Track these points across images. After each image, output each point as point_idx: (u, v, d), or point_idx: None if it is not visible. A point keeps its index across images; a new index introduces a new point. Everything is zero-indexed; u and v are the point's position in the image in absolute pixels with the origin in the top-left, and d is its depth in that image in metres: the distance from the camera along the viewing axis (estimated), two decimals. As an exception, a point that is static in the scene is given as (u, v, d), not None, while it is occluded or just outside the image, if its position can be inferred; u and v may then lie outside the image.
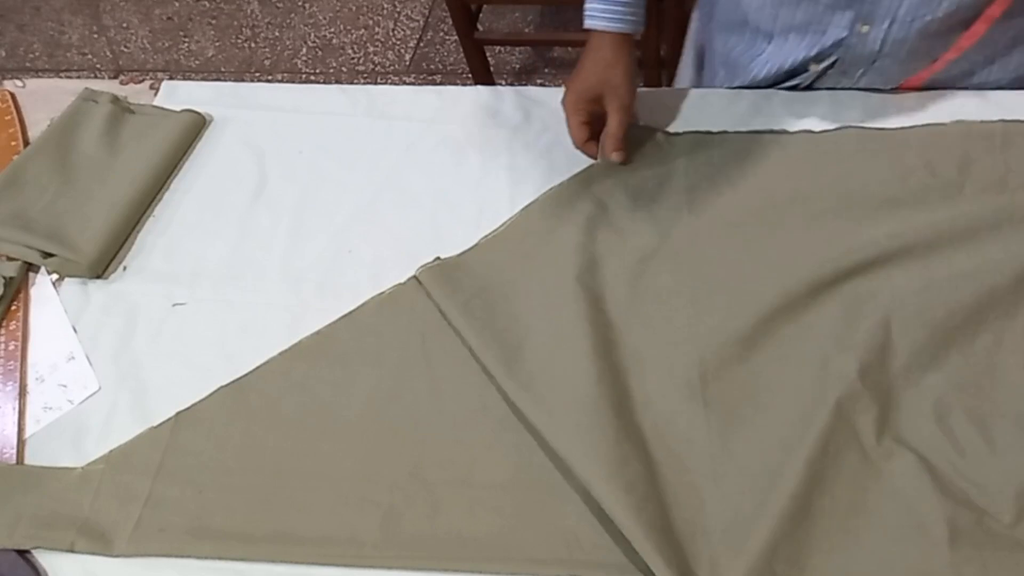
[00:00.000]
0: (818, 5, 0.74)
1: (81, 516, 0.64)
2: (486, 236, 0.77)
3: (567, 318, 0.69)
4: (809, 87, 0.83)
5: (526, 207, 0.78)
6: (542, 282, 0.72)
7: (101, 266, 0.78)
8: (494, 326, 0.69)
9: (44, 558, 0.63)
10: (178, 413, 0.69)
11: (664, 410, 0.65)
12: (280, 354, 0.71)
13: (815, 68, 0.80)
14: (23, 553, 0.62)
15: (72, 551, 0.63)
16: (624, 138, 0.77)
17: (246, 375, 0.70)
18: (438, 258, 0.75)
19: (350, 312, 0.73)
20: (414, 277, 0.74)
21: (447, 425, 0.66)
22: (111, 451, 0.67)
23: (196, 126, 0.87)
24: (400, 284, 0.74)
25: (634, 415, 0.65)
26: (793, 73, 0.82)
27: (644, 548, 0.57)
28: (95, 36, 2.17)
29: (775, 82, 0.84)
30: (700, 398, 0.65)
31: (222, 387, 0.70)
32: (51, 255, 0.77)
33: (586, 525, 0.60)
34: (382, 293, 0.74)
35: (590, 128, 0.78)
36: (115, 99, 0.88)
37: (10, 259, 0.79)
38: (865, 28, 0.73)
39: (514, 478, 0.63)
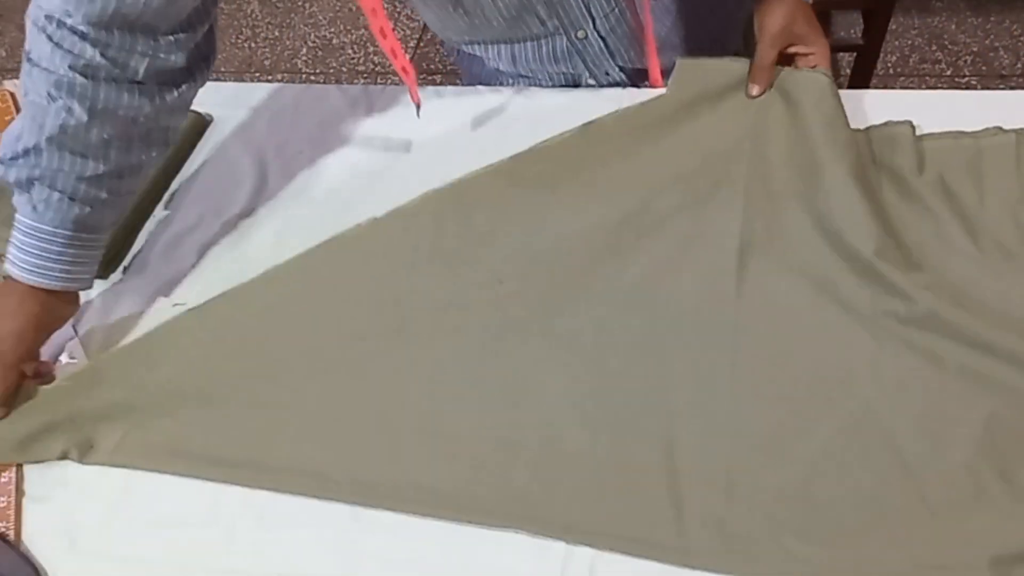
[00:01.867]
0: (536, 20, 0.81)
1: (69, 429, 0.67)
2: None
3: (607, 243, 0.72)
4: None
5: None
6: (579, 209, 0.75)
7: (107, 265, 0.78)
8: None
9: (44, 558, 0.63)
10: (156, 327, 0.72)
11: (688, 357, 0.66)
12: (252, 280, 0.74)
13: (588, 80, 0.88)
14: (23, 554, 0.63)
15: (59, 459, 0.67)
16: (770, 75, 0.76)
17: (220, 297, 0.73)
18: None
19: (327, 241, 0.75)
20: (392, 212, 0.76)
21: (414, 373, 0.68)
22: (98, 368, 0.71)
23: (198, 126, 0.87)
24: (377, 218, 0.76)
25: (657, 355, 0.66)
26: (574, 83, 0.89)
27: (645, 489, 0.60)
28: (95, 36, 2.17)
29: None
30: (729, 353, 0.66)
31: (204, 305, 0.73)
32: None
33: (538, 484, 0.62)
34: (359, 225, 0.76)
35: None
36: None
37: (10, 259, 0.79)
38: (581, 33, 0.82)
39: (474, 432, 0.65)
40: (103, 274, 0.78)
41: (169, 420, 0.68)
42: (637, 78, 0.88)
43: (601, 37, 0.83)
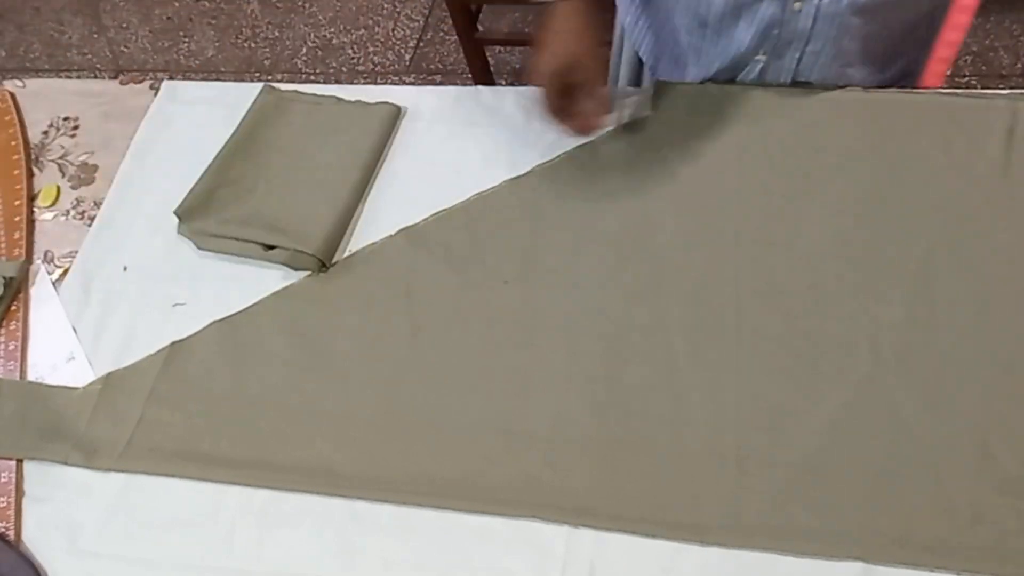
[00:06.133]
0: None
1: (78, 432, 0.68)
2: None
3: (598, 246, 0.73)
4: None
5: (516, 178, 0.80)
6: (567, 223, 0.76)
7: (329, 256, 0.76)
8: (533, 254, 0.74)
9: (44, 558, 0.63)
10: (173, 343, 0.72)
11: (692, 338, 0.67)
12: (272, 295, 0.74)
13: (757, 59, 0.80)
14: (23, 554, 0.63)
15: (67, 464, 0.67)
16: (607, 103, 0.75)
17: (238, 313, 0.73)
18: None
19: (340, 260, 0.76)
20: (403, 230, 0.77)
21: (423, 371, 0.69)
22: (109, 373, 0.71)
23: (392, 117, 0.86)
24: (390, 236, 0.77)
25: (662, 337, 0.68)
26: (737, 68, 0.83)
27: (657, 472, 0.61)
28: (95, 36, 2.17)
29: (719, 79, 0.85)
30: (733, 333, 0.67)
31: (215, 322, 0.73)
32: (272, 247, 0.76)
33: (548, 470, 0.63)
34: (373, 244, 0.76)
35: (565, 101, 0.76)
36: (298, 93, 0.88)
37: (10, 259, 0.79)
38: (798, 5, 0.74)
39: (483, 423, 0.66)
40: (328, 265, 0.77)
41: (177, 424, 0.68)
42: None
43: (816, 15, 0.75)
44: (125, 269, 0.79)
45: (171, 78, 0.96)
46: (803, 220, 0.73)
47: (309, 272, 0.76)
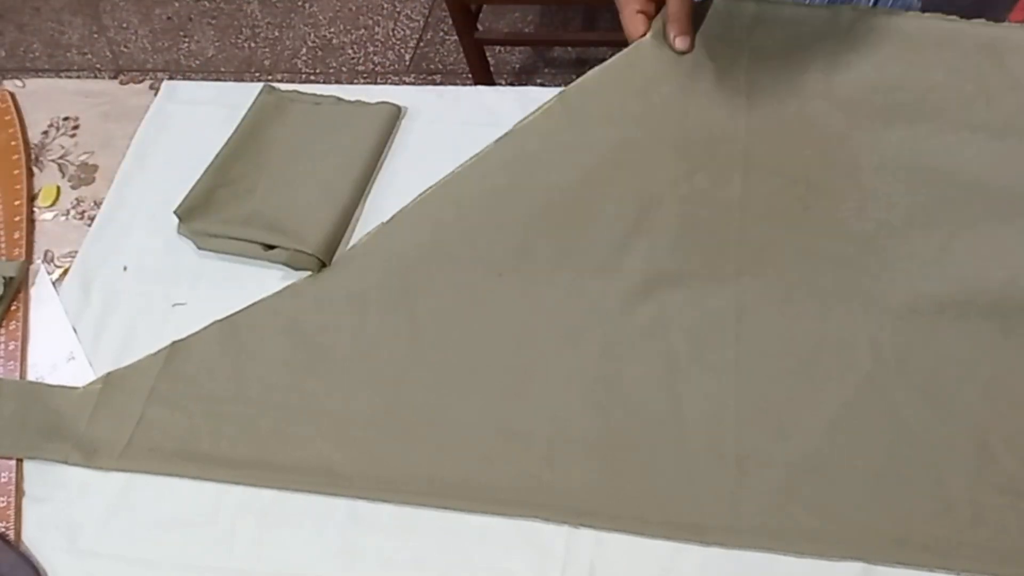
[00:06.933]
0: None
1: (78, 432, 0.67)
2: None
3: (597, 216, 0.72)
4: None
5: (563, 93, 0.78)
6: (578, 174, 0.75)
7: (329, 256, 0.76)
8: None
9: (44, 558, 0.63)
10: (173, 343, 0.72)
11: (692, 337, 0.67)
12: (272, 295, 0.74)
13: None
14: (23, 554, 0.63)
15: (67, 464, 0.66)
16: (688, 20, 0.69)
17: (238, 313, 0.73)
18: None
19: (339, 256, 0.76)
20: (400, 214, 0.76)
21: (424, 370, 0.69)
22: (109, 373, 0.71)
23: (392, 117, 0.86)
24: (384, 224, 0.76)
25: (662, 336, 0.67)
26: None
27: (657, 474, 0.61)
28: (95, 36, 2.17)
29: None
30: (733, 331, 0.67)
31: (215, 321, 0.73)
32: (272, 247, 0.76)
33: (548, 470, 0.63)
34: (368, 233, 0.76)
35: (647, 20, 0.71)
36: (298, 93, 0.87)
37: (10, 259, 0.79)
38: None
39: (483, 423, 0.65)
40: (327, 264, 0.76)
41: (177, 424, 0.68)
42: None
43: None
44: (125, 269, 0.79)
45: (171, 78, 0.96)
46: (803, 219, 0.72)
47: (309, 272, 0.76)
